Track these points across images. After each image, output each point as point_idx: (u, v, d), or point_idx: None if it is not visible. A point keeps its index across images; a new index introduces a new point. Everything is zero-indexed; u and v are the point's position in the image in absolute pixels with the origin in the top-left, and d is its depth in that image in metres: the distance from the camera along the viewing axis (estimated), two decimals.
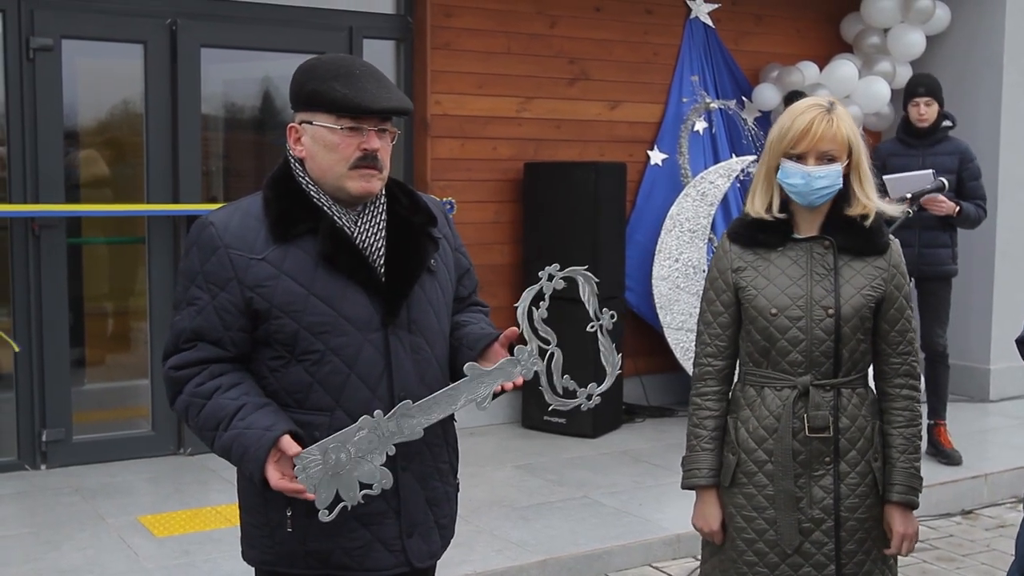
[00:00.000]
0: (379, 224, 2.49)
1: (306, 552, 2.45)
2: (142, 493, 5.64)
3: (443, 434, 2.59)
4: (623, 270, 7.13)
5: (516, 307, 2.39)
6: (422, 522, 2.53)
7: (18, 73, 5.80)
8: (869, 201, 2.86)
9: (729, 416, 2.95)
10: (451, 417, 2.59)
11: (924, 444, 6.15)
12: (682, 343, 7.06)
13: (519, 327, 2.38)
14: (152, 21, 6.14)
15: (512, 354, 2.40)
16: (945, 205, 6.12)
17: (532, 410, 6.97)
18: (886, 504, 2.90)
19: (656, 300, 7.08)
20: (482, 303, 2.79)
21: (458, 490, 2.69)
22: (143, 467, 6.06)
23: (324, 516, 2.31)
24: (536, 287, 2.40)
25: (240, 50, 6.50)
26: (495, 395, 2.41)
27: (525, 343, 2.39)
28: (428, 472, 2.54)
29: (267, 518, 2.47)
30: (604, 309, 2.46)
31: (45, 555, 4.73)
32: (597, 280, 2.46)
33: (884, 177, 6.06)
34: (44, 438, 5.96)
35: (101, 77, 6.32)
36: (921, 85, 6.40)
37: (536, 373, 2.40)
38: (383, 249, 2.47)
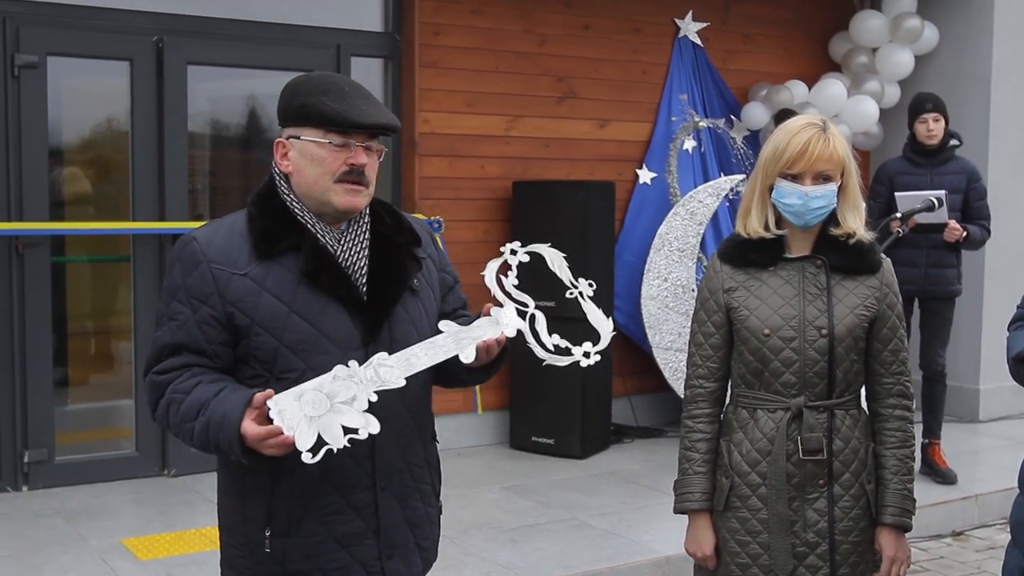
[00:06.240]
0: (362, 242, 2.48)
1: (284, 573, 2.42)
2: (125, 515, 5.57)
3: (425, 454, 2.56)
4: (612, 290, 7.10)
5: (483, 275, 2.42)
6: (402, 544, 2.49)
7: (3, 90, 5.75)
8: (849, 223, 2.84)
9: (722, 439, 2.91)
10: (434, 437, 2.59)
11: (918, 464, 6.14)
12: (671, 363, 7.03)
13: (492, 297, 2.41)
14: (138, 39, 6.10)
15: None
16: (957, 231, 6.13)
17: (520, 431, 6.90)
18: (878, 526, 2.86)
19: (645, 320, 7.05)
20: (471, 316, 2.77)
21: (441, 512, 2.65)
22: (127, 488, 5.99)
23: (307, 458, 2.21)
24: (499, 259, 2.45)
25: (227, 68, 6.47)
26: (485, 366, 2.46)
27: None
28: (408, 492, 2.50)
29: (246, 538, 2.44)
30: (581, 279, 2.47)
31: None
32: (565, 255, 2.48)
33: (896, 194, 6.09)
34: (26, 459, 5.89)
35: (87, 94, 6.28)
36: (928, 101, 6.37)
37: (520, 332, 2.40)
38: (366, 267, 2.46)
